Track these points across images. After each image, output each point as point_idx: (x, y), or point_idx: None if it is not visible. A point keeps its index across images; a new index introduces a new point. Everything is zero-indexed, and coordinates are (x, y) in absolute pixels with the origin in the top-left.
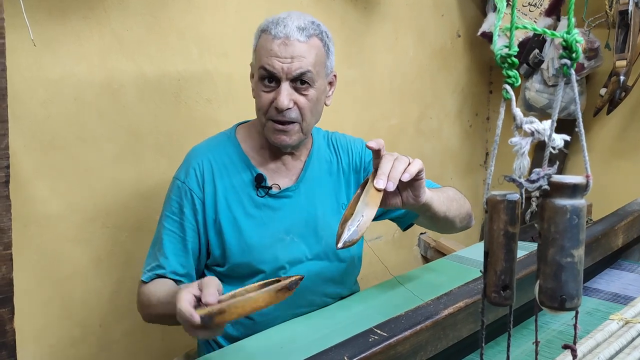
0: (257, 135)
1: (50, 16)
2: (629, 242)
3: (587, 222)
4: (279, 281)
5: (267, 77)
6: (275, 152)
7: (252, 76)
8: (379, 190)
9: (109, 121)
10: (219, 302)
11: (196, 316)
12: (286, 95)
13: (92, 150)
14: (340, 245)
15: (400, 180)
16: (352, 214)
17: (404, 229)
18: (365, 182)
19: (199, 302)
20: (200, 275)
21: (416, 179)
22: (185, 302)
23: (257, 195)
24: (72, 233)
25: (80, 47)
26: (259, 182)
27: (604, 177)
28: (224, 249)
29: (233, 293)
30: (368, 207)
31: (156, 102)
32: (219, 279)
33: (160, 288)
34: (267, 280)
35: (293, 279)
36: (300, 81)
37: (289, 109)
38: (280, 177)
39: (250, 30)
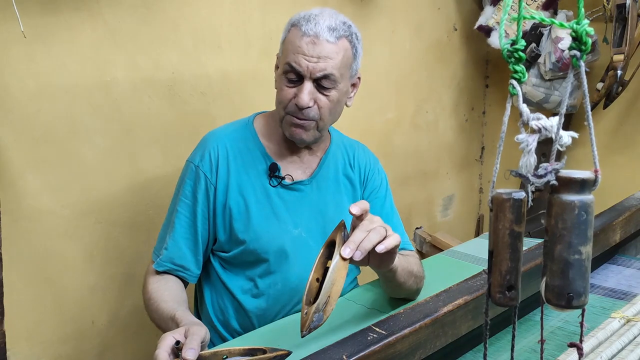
0: (275, 127)
1: (41, 7)
2: (627, 238)
3: None
4: (264, 351)
5: (291, 73)
6: (292, 145)
7: (276, 67)
8: (344, 259)
9: (102, 114)
10: (199, 358)
11: None
12: (307, 94)
13: (84, 144)
14: (305, 332)
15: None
16: (317, 291)
17: None
18: (330, 241)
19: (179, 351)
20: (206, 261)
21: (390, 251)
22: (163, 350)
23: (270, 185)
24: (64, 228)
25: (71, 39)
26: (273, 171)
27: (600, 172)
28: (230, 234)
29: (215, 351)
30: (335, 285)
31: (150, 95)
32: (222, 266)
33: (164, 297)
34: (251, 347)
35: (279, 353)
36: (323, 82)
37: (309, 107)
38: (294, 168)
39: (245, 23)
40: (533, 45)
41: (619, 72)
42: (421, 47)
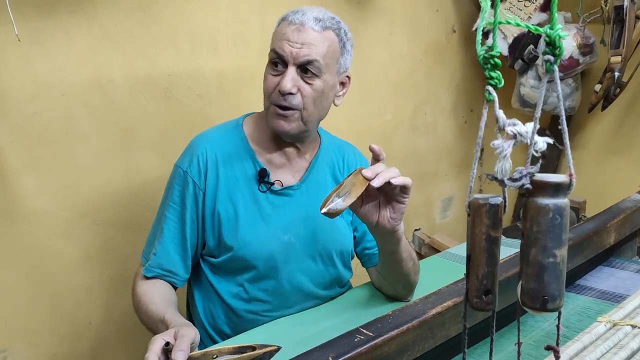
0: (264, 127)
1: (37, 10)
2: (621, 240)
3: (580, 219)
4: (254, 348)
5: (276, 61)
6: (280, 143)
7: None
8: (366, 179)
9: (98, 117)
10: (189, 359)
11: None
12: (290, 79)
13: (81, 146)
14: (324, 210)
15: (385, 189)
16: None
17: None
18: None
19: (169, 352)
20: (196, 265)
21: (400, 199)
22: (153, 353)
23: (259, 190)
24: (61, 230)
25: (68, 41)
26: (262, 176)
27: (598, 174)
28: (219, 240)
29: (204, 352)
30: (355, 185)
31: (146, 98)
32: (212, 271)
33: (154, 298)
34: (241, 345)
35: (269, 349)
36: (307, 69)
37: (292, 94)
38: (284, 173)
39: (242, 24)
40: (531, 47)
41: (617, 73)
42: (419, 49)
